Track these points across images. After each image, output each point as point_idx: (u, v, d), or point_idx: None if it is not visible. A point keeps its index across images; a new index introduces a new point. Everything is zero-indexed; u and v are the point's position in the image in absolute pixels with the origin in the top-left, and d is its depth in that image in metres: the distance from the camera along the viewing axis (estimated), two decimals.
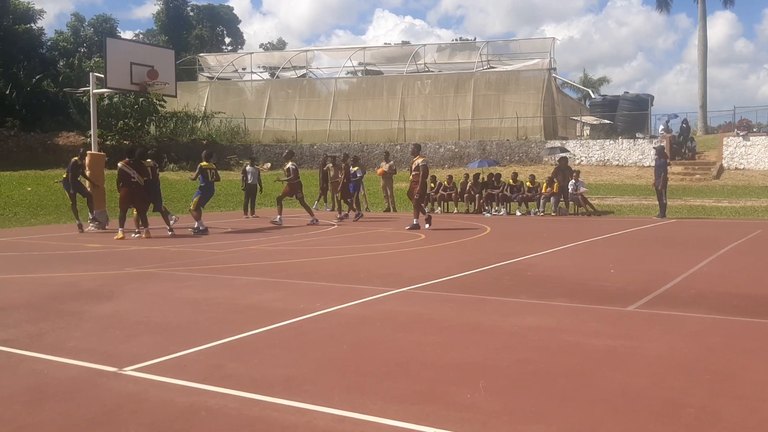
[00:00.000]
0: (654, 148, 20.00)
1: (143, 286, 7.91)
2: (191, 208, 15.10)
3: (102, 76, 16.19)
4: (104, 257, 10.88)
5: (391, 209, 21.27)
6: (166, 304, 6.95)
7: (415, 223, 14.77)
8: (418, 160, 14.89)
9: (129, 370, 4.45)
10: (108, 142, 31.12)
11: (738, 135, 28.97)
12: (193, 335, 5.44)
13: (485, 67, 39.01)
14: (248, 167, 20.07)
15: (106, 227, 15.54)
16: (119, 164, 13.57)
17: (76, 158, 15.85)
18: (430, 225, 14.73)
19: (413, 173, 14.99)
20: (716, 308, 6.35)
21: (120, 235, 13.35)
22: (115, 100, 33.79)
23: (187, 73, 42.74)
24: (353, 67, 43.07)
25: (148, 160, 14.53)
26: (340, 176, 18.60)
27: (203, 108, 39.61)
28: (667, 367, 4.49)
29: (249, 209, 19.34)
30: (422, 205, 15.28)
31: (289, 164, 16.86)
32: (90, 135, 17.22)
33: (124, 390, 4.11)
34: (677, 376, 4.29)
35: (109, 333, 5.62)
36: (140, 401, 3.90)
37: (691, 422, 3.51)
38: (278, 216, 16.42)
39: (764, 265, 9.43)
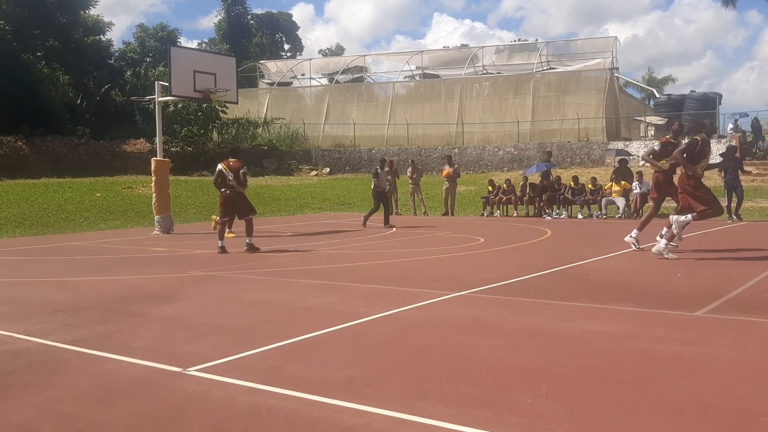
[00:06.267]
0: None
1: (206, 289, 8.07)
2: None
3: (167, 84, 16.64)
4: (169, 260, 11.15)
5: (450, 213, 21.17)
6: (228, 306, 7.08)
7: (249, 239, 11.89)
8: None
9: (193, 371, 4.54)
10: (173, 149, 31.95)
11: None
12: (254, 337, 5.52)
13: (545, 68, 38.50)
14: (379, 170, 17.30)
15: (171, 232, 15.96)
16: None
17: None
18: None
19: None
20: None
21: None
22: (179, 106, 34.68)
23: (248, 80, 43.59)
24: (411, 71, 43.11)
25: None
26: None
27: (264, 114, 40.28)
28: (739, 374, 4.31)
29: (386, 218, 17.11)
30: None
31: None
32: (156, 142, 17.71)
33: (188, 390, 4.20)
34: (750, 384, 4.11)
35: (173, 334, 5.76)
36: (203, 401, 3.98)
37: None
38: None
39: None
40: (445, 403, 3.83)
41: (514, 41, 62.42)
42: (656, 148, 10.98)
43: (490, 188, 21.38)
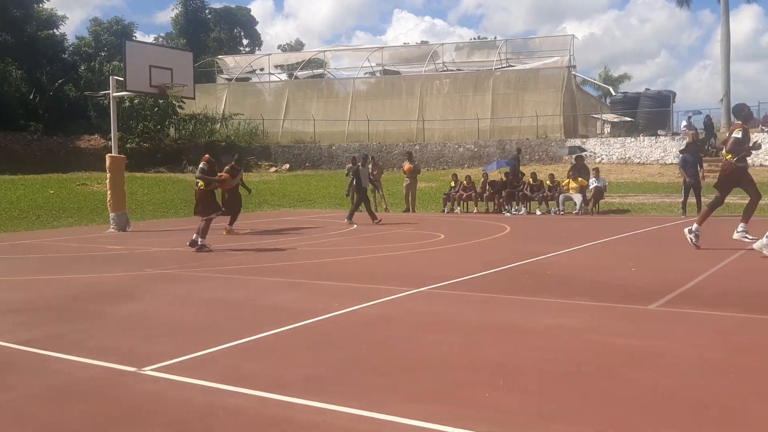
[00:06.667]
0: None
1: (163, 287, 7.95)
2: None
3: (122, 79, 16.35)
4: (125, 259, 10.96)
5: (411, 209, 21.23)
6: (186, 304, 6.98)
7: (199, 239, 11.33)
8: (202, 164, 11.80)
9: (148, 370, 4.47)
10: (128, 145, 31.38)
11: (763, 131, 28.48)
12: (212, 335, 5.45)
13: (504, 66, 38.82)
14: (360, 166, 17.21)
15: (126, 229, 15.69)
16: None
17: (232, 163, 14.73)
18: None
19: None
20: (740, 306, 6.23)
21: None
22: (136, 102, 34.10)
23: (206, 75, 43.00)
24: (371, 67, 43.03)
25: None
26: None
27: (222, 110, 39.81)
28: (690, 366, 4.42)
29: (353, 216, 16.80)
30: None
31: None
32: (111, 137, 17.38)
33: (144, 390, 4.13)
34: (701, 375, 4.22)
35: (129, 333, 5.66)
36: (159, 401, 3.92)
37: (716, 422, 3.44)
38: None
39: None
40: (405, 399, 3.84)
41: (474, 39, 62.80)
42: (738, 136, 9.86)
43: (453, 183, 21.54)
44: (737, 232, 10.21)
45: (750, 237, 10.01)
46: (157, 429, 3.51)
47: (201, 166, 11.73)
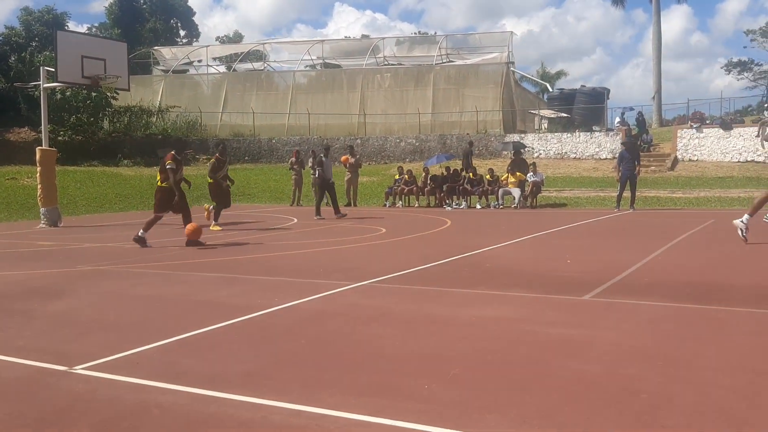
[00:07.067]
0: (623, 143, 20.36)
1: (96, 284, 7.73)
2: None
3: (53, 70, 15.82)
4: (56, 255, 10.62)
5: (352, 203, 21.21)
6: (120, 301, 6.80)
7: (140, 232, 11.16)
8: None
9: (79, 369, 4.34)
10: (60, 138, 30.41)
11: (691, 127, 29.52)
12: (146, 332, 5.32)
13: (444, 61, 39.10)
14: (323, 158, 17.08)
15: (58, 225, 15.22)
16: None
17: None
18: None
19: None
20: (669, 296, 6.46)
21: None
22: (68, 94, 33.05)
23: (142, 66, 41.96)
24: (312, 60, 42.70)
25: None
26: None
27: (158, 102, 38.90)
28: (621, 354, 4.55)
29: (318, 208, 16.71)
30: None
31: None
32: (41, 130, 16.80)
33: (74, 389, 4.01)
34: (631, 362, 4.35)
35: (59, 332, 5.48)
36: (90, 400, 3.81)
37: (645, 408, 3.55)
38: None
39: (716, 253, 9.65)
40: (343, 392, 3.84)
41: (415, 34, 63.10)
42: None
43: (398, 175, 21.67)
44: (741, 220, 10.03)
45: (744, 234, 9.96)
46: (89, 428, 3.41)
47: (169, 166, 11.08)
